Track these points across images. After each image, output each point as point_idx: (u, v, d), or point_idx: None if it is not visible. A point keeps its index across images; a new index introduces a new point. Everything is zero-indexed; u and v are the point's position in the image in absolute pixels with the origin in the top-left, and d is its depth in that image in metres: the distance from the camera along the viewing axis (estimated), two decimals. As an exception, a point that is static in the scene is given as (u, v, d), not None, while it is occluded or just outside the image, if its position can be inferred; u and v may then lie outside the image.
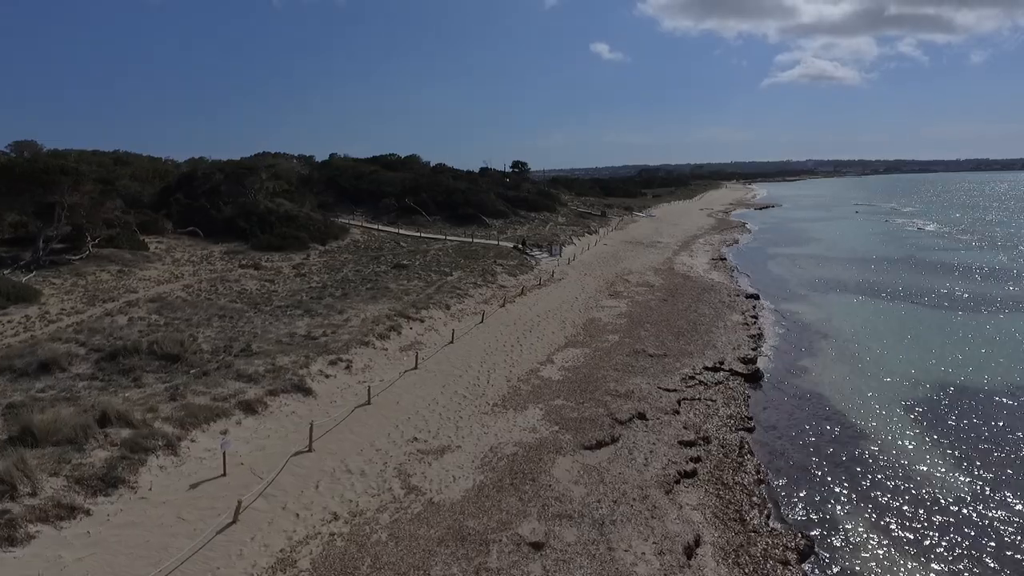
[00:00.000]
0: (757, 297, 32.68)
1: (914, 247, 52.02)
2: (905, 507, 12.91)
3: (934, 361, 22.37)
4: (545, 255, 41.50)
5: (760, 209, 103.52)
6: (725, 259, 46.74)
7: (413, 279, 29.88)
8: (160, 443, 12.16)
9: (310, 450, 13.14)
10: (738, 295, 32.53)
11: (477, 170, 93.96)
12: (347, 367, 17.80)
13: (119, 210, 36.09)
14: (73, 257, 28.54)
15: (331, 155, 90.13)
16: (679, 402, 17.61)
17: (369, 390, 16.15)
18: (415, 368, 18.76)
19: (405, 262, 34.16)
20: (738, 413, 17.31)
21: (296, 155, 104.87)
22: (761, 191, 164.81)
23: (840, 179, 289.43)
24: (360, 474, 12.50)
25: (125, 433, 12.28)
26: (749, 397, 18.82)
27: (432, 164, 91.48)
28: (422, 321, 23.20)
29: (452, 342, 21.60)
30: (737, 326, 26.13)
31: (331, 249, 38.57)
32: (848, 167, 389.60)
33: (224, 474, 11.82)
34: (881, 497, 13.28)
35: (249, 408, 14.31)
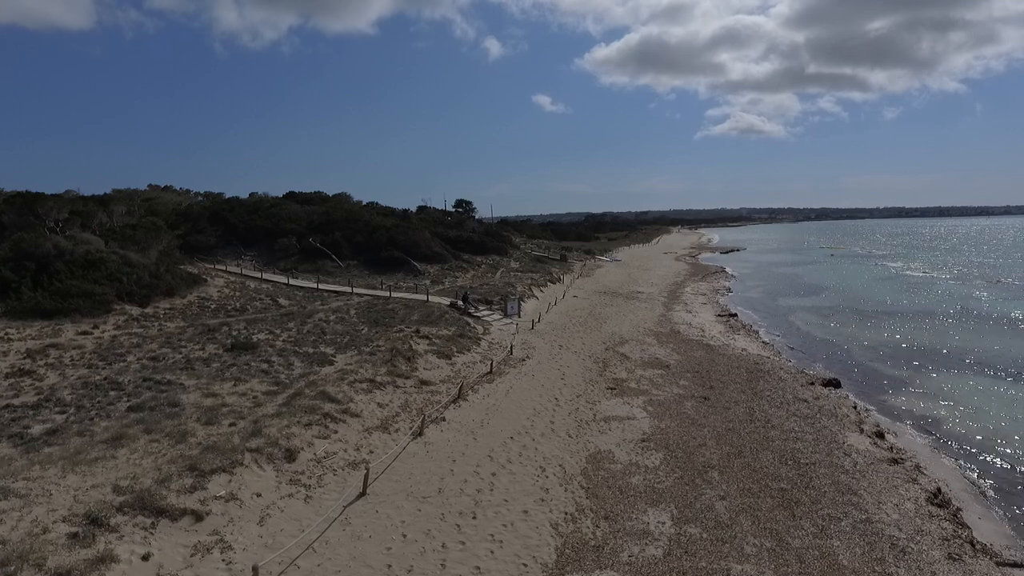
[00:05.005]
0: (838, 385, 20.40)
1: (954, 299, 41.92)
2: None
3: None
4: (497, 315, 28.24)
5: (725, 253, 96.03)
6: (735, 315, 34.97)
7: (252, 375, 15.74)
8: None
9: None
10: (810, 383, 20.17)
11: (415, 209, 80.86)
12: None
13: None
14: None
15: (250, 194, 76.08)
16: None
17: None
18: None
19: (258, 337, 19.98)
20: None
21: (202, 192, 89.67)
22: (713, 235, 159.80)
23: (778, 225, 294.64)
24: None
25: None
26: None
27: (364, 203, 78.32)
28: (200, 518, 9.19)
29: (254, 603, 7.69)
30: (880, 464, 13.40)
31: (153, 313, 23.95)
32: (782, 214, 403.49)
33: None
34: None
35: None
